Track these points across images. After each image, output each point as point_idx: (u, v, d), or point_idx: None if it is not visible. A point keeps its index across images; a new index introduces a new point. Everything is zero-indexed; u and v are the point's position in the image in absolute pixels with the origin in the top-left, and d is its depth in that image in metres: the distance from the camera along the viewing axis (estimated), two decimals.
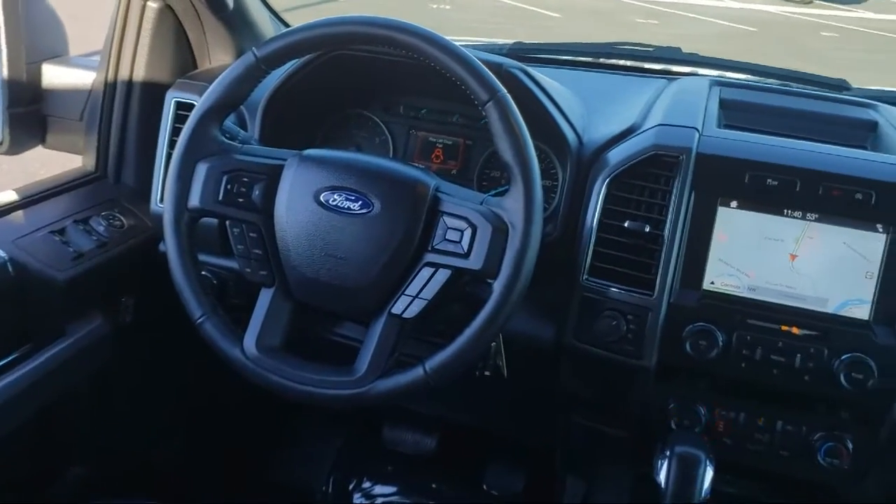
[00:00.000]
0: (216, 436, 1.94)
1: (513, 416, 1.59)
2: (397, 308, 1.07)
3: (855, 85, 1.70)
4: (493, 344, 1.26)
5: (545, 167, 1.41)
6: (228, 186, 1.11)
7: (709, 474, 1.07)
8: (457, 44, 1.09)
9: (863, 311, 1.19)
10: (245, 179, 1.12)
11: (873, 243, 1.18)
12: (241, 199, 1.11)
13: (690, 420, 1.26)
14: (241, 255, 1.13)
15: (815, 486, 1.31)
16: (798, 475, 1.28)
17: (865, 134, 1.42)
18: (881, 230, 1.18)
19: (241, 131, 1.25)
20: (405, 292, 1.06)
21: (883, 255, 1.18)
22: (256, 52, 1.11)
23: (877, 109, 1.49)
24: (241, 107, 1.21)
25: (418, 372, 1.05)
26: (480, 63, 1.07)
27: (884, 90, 1.72)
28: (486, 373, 1.28)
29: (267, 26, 1.68)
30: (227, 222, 1.13)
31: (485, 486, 1.93)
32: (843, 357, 1.17)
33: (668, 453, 1.09)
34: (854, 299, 1.19)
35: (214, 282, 1.42)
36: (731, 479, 1.33)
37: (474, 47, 1.77)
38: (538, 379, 1.43)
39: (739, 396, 1.27)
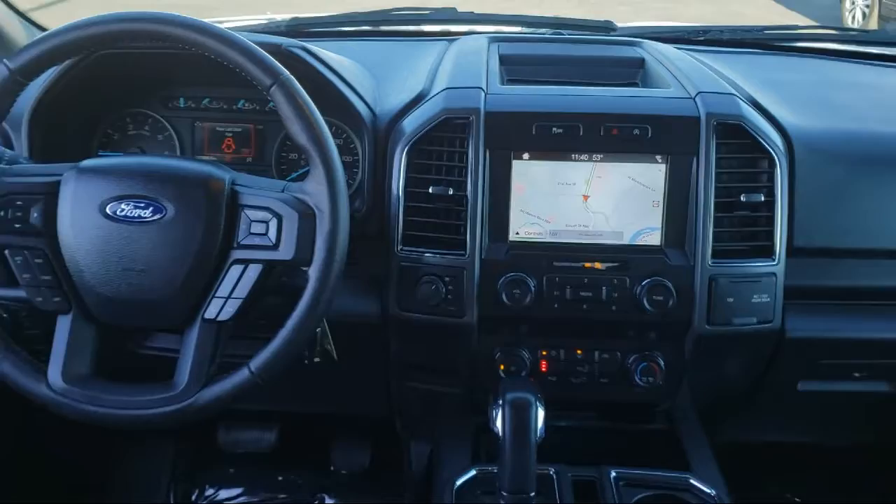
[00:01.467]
0: (41, 477, 1.80)
1: (349, 394, 1.59)
2: (210, 312, 1.03)
3: (620, 24, 1.80)
4: (319, 329, 1.25)
5: (343, 143, 1.40)
6: (1, 213, 1.02)
7: (540, 414, 1.12)
8: (230, 29, 1.05)
9: (654, 238, 1.28)
10: (19, 203, 1.03)
11: (655, 174, 1.27)
12: (17, 225, 1.03)
13: (517, 366, 1.32)
14: (29, 283, 1.04)
15: (635, 405, 1.41)
16: (620, 398, 1.37)
17: (635, 71, 1.52)
18: (660, 160, 1.27)
19: (7, 150, 1.14)
20: (216, 295, 1.03)
21: (665, 184, 1.27)
22: (9, 63, 1.02)
23: (642, 46, 1.59)
24: (3, 124, 1.10)
25: (244, 374, 1.03)
26: (257, 47, 1.04)
27: (646, 26, 1.85)
28: (316, 360, 1.27)
29: (18, 31, 1.54)
30: (7, 251, 1.04)
31: (332, 468, 1.93)
32: (643, 283, 1.25)
33: (500, 402, 1.12)
34: (646, 228, 1.28)
35: (4, 315, 1.31)
36: (561, 414, 1.40)
37: (251, 28, 1.72)
38: (370, 353, 1.43)
39: (558, 335, 1.33)
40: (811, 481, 1.99)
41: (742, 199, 1.26)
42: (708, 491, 1.24)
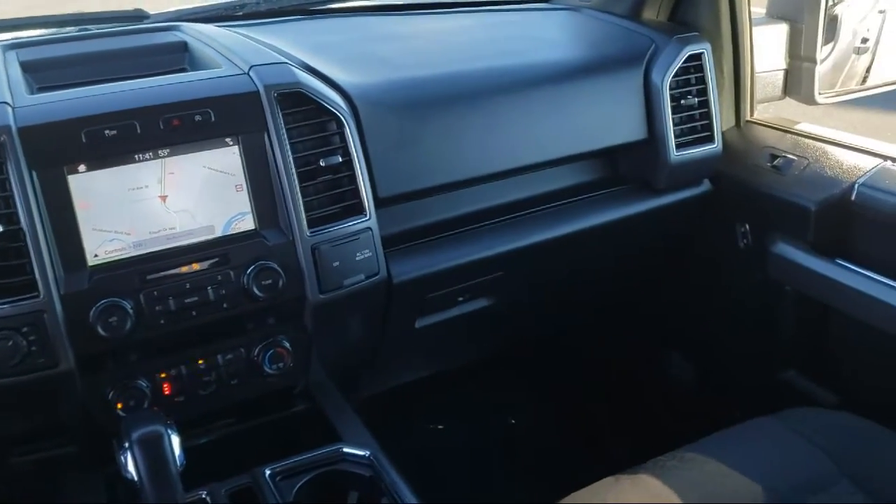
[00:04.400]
0: None
1: None
2: None
3: (152, 11, 1.69)
4: None
5: None
6: None
7: (176, 442, 1.02)
8: None
9: (248, 223, 1.22)
10: None
11: (230, 157, 1.21)
12: None
13: (136, 399, 1.19)
14: None
15: (273, 394, 1.37)
16: (256, 393, 1.32)
17: (180, 56, 1.43)
18: (231, 143, 1.21)
19: None
20: None
21: (242, 165, 1.21)
22: None
23: (181, 30, 1.50)
24: None
25: None
26: None
27: (181, 9, 1.76)
28: None
29: None
30: None
31: None
32: (248, 271, 1.20)
33: (126, 445, 1.00)
34: (236, 215, 1.22)
35: None
36: (200, 432, 1.32)
37: None
38: None
39: (173, 352, 1.23)
40: (445, 408, 2.16)
41: (322, 164, 1.26)
42: (361, 454, 1.25)
